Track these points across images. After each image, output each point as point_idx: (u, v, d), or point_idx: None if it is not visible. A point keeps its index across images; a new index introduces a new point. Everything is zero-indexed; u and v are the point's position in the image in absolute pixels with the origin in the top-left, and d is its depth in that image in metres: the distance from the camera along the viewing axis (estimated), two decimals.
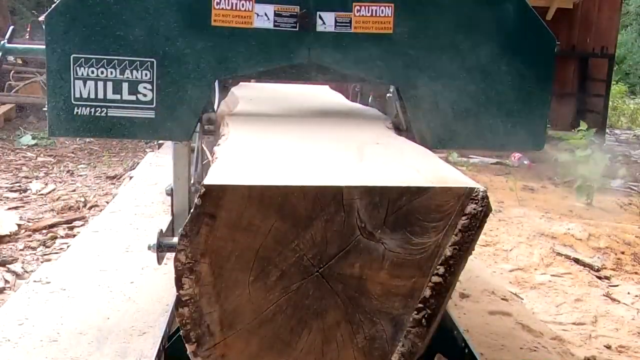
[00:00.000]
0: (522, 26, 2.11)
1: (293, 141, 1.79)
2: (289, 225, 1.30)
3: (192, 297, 1.31)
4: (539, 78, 2.16)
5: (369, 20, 2.04)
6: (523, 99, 2.16)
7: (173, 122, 2.02)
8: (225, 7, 1.98)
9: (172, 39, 1.97)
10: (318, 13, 2.02)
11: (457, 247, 1.37)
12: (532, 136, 2.21)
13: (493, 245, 4.55)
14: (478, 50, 2.10)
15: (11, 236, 4.35)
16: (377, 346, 1.42)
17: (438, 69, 2.09)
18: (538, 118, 2.19)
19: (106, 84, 1.97)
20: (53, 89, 1.97)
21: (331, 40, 2.04)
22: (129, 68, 1.97)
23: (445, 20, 2.08)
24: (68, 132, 2.04)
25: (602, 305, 3.62)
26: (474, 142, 2.18)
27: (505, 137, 2.18)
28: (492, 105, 2.14)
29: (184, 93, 2.00)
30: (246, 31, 2.00)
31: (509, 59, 2.12)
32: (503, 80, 2.13)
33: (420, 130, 2.12)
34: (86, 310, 2.95)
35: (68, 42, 1.94)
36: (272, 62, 2.05)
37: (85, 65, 1.96)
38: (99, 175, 6.43)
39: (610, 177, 6.67)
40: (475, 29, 2.10)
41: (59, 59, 1.95)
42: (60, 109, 1.98)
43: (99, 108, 1.99)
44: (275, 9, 2.00)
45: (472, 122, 2.14)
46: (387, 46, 2.06)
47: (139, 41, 1.96)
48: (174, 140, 2.45)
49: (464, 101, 2.12)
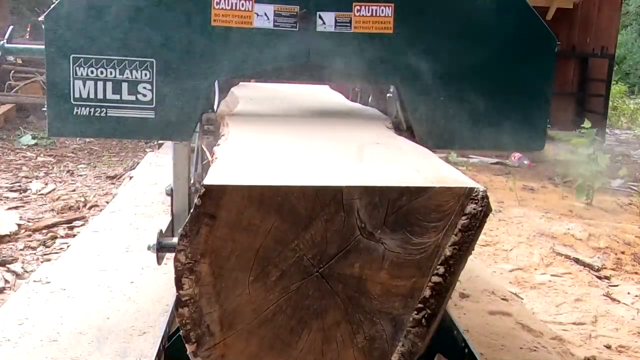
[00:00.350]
0: (523, 26, 2.11)
1: (293, 141, 1.79)
2: (288, 225, 1.30)
3: (192, 297, 1.31)
4: (540, 78, 2.16)
5: (369, 20, 2.04)
6: (523, 99, 2.16)
7: (173, 122, 2.02)
8: (225, 7, 1.98)
9: (172, 39, 1.97)
10: (318, 13, 2.02)
11: (457, 247, 1.37)
12: (533, 136, 2.21)
13: (493, 245, 4.55)
14: (478, 50, 2.10)
15: (11, 236, 4.35)
16: (377, 346, 1.42)
17: (438, 68, 2.09)
18: (538, 118, 2.19)
19: (106, 84, 1.97)
20: (52, 89, 1.97)
21: (331, 40, 2.04)
22: (128, 68, 1.97)
23: (445, 20, 2.08)
24: (68, 132, 2.04)
25: (602, 305, 3.62)
26: (474, 142, 2.18)
27: (506, 137, 2.17)
28: (493, 105, 2.14)
29: (183, 93, 2.00)
30: (246, 31, 2.00)
31: (509, 59, 2.13)
32: (503, 80, 2.13)
33: (420, 130, 2.12)
34: (86, 310, 2.95)
35: (67, 42, 1.94)
36: (272, 62, 2.05)
37: (84, 65, 1.96)
38: (99, 175, 6.43)
39: (610, 177, 6.67)
40: (475, 28, 2.09)
41: (59, 59, 1.95)
42: (59, 109, 1.98)
43: (98, 108, 1.99)
44: (275, 8, 2.00)
45: (472, 122, 2.13)
46: (387, 46, 2.06)
47: (138, 41, 1.96)
48: (173, 140, 2.45)
49: (464, 101, 2.12)
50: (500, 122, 2.15)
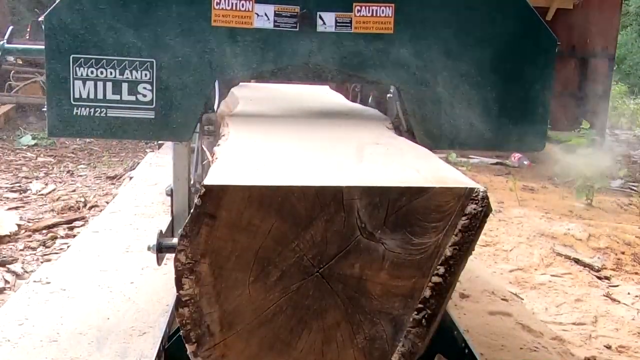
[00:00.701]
0: (523, 26, 2.11)
1: (293, 141, 1.79)
2: (289, 225, 1.30)
3: (192, 297, 1.31)
4: (540, 78, 2.16)
5: (370, 20, 2.04)
6: (524, 100, 2.15)
7: (173, 122, 2.02)
8: (225, 7, 1.98)
9: (172, 39, 1.96)
10: (318, 13, 2.02)
11: (457, 247, 1.37)
12: (533, 137, 2.20)
13: (493, 246, 4.55)
14: (479, 51, 2.10)
15: (11, 236, 4.35)
16: (377, 346, 1.42)
17: (438, 69, 2.08)
18: (539, 119, 2.19)
19: (106, 84, 1.97)
20: (52, 90, 1.96)
21: (331, 40, 2.03)
22: (128, 68, 1.97)
23: (446, 20, 2.07)
24: (67, 132, 2.03)
25: (602, 306, 3.62)
26: (475, 143, 2.17)
27: (506, 138, 2.17)
28: (493, 105, 2.13)
29: (183, 93, 2.00)
30: (246, 31, 2.00)
31: (510, 59, 2.12)
32: (504, 80, 2.13)
33: (421, 131, 2.12)
34: (86, 311, 2.95)
35: (67, 42, 1.94)
36: (272, 63, 2.04)
37: (84, 66, 1.95)
38: (99, 176, 6.43)
39: (610, 177, 6.67)
40: (476, 29, 2.09)
41: (59, 59, 1.94)
42: (59, 110, 1.97)
43: (98, 108, 1.98)
44: (276, 9, 2.00)
45: (473, 122, 2.13)
46: (387, 46, 2.06)
47: (138, 41, 1.95)
48: (173, 140, 2.45)
49: (464, 102, 2.12)
50: (501, 122, 2.15)
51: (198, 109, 2.03)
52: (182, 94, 2.00)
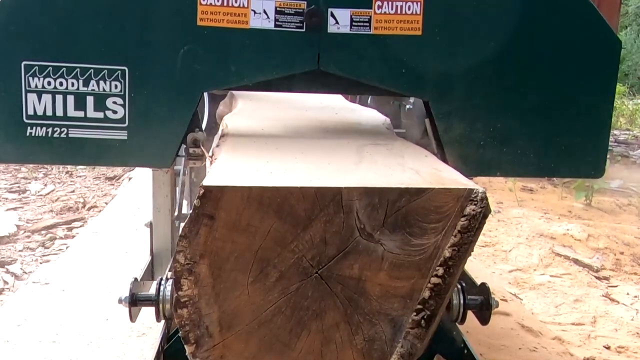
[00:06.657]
0: (582, 28, 1.75)
1: (292, 141, 1.79)
2: (288, 226, 1.30)
3: (191, 298, 1.31)
4: (600, 89, 1.80)
5: (393, 19, 1.68)
6: (581, 117, 1.80)
7: (151, 144, 1.66)
8: (214, 2, 1.62)
9: (148, 41, 1.62)
10: (330, 10, 1.66)
11: (456, 248, 1.37)
12: (591, 161, 1.84)
13: (492, 246, 4.56)
14: (527, 57, 1.75)
15: (10, 237, 4.35)
16: (376, 347, 1.42)
17: (477, 79, 1.74)
18: (598, 139, 1.83)
19: (66, 97, 1.62)
20: (0, 105, 1.60)
21: (346, 43, 1.69)
22: (94, 78, 1.62)
23: (486, 20, 1.72)
24: (18, 157, 1.66)
25: (601, 306, 3.63)
26: (519, 169, 1.83)
27: (560, 163, 1.82)
28: (544, 124, 1.79)
29: (163, 109, 1.65)
30: (240, 32, 1.65)
31: (566, 67, 1.77)
32: (557, 93, 1.78)
33: (454, 153, 1.78)
34: (85, 312, 2.95)
35: (18, 46, 1.58)
36: (273, 71, 1.70)
37: (39, 75, 1.59)
38: (98, 176, 6.43)
39: (609, 177, 6.67)
40: (523, 31, 1.74)
41: (7, 67, 1.58)
42: (8, 130, 1.61)
43: (57, 128, 1.62)
44: (277, 4, 1.65)
45: (517, 144, 1.79)
46: (415, 51, 1.71)
47: (106, 44, 1.61)
48: (152, 167, 2.09)
49: (508, 119, 1.77)
50: (552, 144, 1.80)
51: (182, 127, 1.67)
52: (162, 109, 1.65)
